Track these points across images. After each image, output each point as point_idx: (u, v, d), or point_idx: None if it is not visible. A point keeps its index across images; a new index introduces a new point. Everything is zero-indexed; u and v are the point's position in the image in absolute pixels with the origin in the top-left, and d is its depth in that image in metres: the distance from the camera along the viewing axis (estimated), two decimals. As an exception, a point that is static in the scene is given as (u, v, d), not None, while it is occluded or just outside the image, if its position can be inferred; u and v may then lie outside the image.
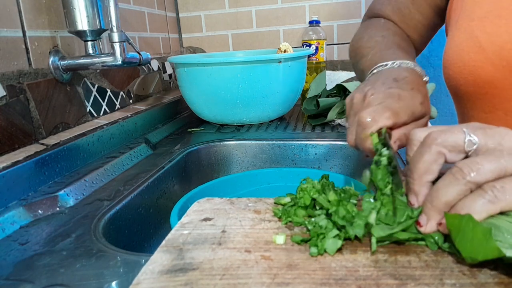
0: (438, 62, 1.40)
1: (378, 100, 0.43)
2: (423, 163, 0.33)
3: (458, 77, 0.52)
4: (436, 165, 0.33)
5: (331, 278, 0.29)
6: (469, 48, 0.50)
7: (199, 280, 0.29)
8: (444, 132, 0.33)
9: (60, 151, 0.62)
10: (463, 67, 0.51)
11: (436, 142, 0.33)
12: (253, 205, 0.42)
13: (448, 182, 0.31)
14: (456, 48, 0.52)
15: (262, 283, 0.29)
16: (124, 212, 0.55)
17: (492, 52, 0.48)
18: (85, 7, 0.67)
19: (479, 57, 0.49)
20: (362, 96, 0.46)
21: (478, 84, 0.50)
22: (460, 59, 0.51)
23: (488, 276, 0.28)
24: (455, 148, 0.32)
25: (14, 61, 0.62)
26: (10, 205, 0.51)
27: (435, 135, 0.33)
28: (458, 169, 0.31)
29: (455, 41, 0.52)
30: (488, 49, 0.48)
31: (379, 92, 0.44)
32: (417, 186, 0.34)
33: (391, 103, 0.43)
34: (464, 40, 0.51)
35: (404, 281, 0.28)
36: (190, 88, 0.95)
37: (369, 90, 0.45)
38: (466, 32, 0.51)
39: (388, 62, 0.51)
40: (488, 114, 0.53)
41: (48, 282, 0.37)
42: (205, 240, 0.35)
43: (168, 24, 1.28)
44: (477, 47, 0.49)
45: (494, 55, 0.48)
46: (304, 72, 1.02)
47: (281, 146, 0.81)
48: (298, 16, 1.29)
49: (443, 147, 0.33)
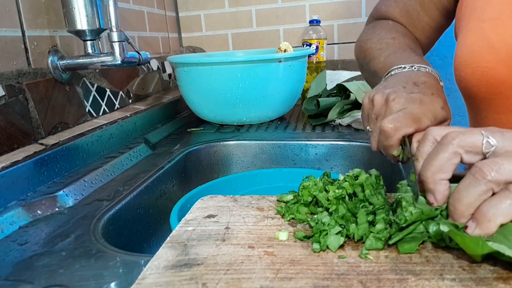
0: (438, 62, 1.40)
1: (400, 105, 0.43)
2: (437, 161, 0.33)
3: (471, 78, 0.52)
4: (450, 164, 0.33)
5: (333, 273, 0.30)
6: (482, 49, 0.50)
7: (204, 275, 0.30)
8: (462, 133, 0.33)
9: (59, 151, 0.62)
10: (476, 68, 0.50)
11: (453, 142, 0.32)
12: (256, 202, 0.43)
13: (468, 183, 0.31)
14: (468, 50, 0.51)
15: (266, 278, 0.29)
16: (124, 212, 0.55)
17: (505, 52, 0.47)
18: (85, 7, 0.67)
19: (492, 58, 0.49)
20: (383, 100, 0.45)
21: (491, 85, 0.50)
22: (472, 60, 0.51)
23: (487, 271, 0.29)
24: (472, 149, 0.32)
25: (13, 61, 0.62)
26: (9, 205, 0.51)
27: (453, 135, 0.33)
28: (477, 169, 0.30)
29: (467, 43, 0.52)
30: (501, 49, 0.48)
31: (401, 97, 0.44)
32: (431, 184, 0.33)
33: (413, 109, 0.42)
34: (476, 41, 0.51)
35: (405, 276, 0.29)
36: (189, 88, 0.94)
37: (390, 94, 0.44)
38: (478, 33, 0.51)
39: (406, 65, 0.50)
40: (502, 115, 0.53)
41: (47, 283, 0.37)
42: (209, 236, 0.36)
43: (167, 23, 1.28)
44: (490, 48, 0.49)
45: (507, 56, 0.47)
46: (304, 72, 1.02)
47: (281, 146, 0.81)
48: (298, 16, 1.29)
49: (460, 147, 0.32)
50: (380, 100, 0.46)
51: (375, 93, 0.46)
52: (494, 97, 0.51)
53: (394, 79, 0.48)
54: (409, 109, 0.42)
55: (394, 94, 0.44)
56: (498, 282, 0.28)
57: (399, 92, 0.44)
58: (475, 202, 0.30)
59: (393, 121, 0.41)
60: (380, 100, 0.46)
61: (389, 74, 0.51)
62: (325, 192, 0.39)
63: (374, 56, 0.59)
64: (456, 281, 0.28)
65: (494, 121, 0.54)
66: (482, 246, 0.28)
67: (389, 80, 0.49)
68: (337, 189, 0.38)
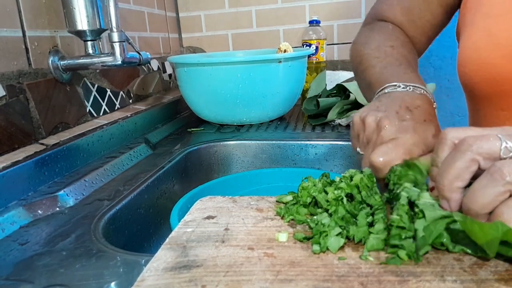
0: (438, 62, 1.40)
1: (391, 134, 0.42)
2: (454, 169, 0.32)
3: (475, 75, 0.52)
4: (468, 173, 0.31)
5: (333, 275, 0.30)
6: (486, 45, 0.49)
7: (203, 277, 0.30)
8: (480, 139, 0.31)
9: (59, 151, 0.62)
10: (481, 64, 0.50)
11: (471, 149, 0.31)
12: (255, 203, 0.42)
13: (486, 183, 0.29)
14: (473, 46, 0.51)
15: (266, 280, 0.29)
16: (124, 212, 0.55)
17: (511, 49, 0.47)
18: (85, 7, 0.67)
19: (496, 54, 0.48)
20: (375, 124, 0.44)
21: (496, 81, 0.50)
22: (477, 57, 0.50)
23: (488, 273, 0.29)
24: (490, 156, 0.31)
25: (13, 61, 0.62)
26: (10, 205, 0.51)
27: (470, 142, 0.31)
28: (497, 169, 0.29)
29: (472, 39, 0.51)
30: (506, 46, 0.48)
31: (393, 125, 0.43)
32: (448, 193, 0.32)
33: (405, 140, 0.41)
34: (480, 37, 0.50)
35: (406, 277, 0.29)
36: (190, 88, 0.95)
37: (382, 120, 0.43)
38: (483, 30, 0.50)
39: (400, 83, 0.49)
40: (506, 112, 0.52)
41: (48, 282, 0.37)
42: (208, 237, 0.36)
43: (168, 24, 1.28)
44: (495, 45, 0.49)
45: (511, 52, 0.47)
46: (304, 72, 1.02)
47: (281, 146, 0.81)
48: (298, 16, 1.29)
49: (478, 155, 0.31)
50: (372, 125, 0.45)
51: (367, 115, 0.45)
52: (499, 94, 0.51)
53: (387, 100, 0.47)
54: (401, 141, 0.41)
55: (386, 120, 0.43)
56: (499, 284, 0.27)
57: (391, 118, 0.43)
58: (491, 203, 0.29)
59: (384, 154, 0.40)
60: (372, 125, 0.45)
61: (382, 92, 0.50)
62: (324, 193, 0.39)
63: (370, 65, 0.58)
64: (457, 283, 0.28)
65: (498, 118, 0.53)
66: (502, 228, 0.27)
67: (382, 100, 0.48)
68: (335, 190, 0.38)
